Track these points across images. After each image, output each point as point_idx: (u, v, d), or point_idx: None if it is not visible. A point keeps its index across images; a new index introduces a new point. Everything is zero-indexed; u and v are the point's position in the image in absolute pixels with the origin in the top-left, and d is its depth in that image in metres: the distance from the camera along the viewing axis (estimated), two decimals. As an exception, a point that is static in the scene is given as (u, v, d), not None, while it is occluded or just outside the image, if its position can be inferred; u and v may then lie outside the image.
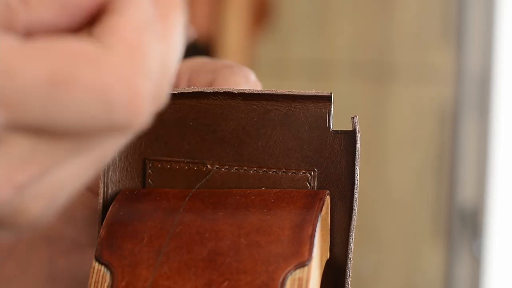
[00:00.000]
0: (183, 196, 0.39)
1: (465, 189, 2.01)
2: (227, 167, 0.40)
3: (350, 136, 0.39)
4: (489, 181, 1.99)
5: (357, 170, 0.39)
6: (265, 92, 0.40)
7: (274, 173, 0.40)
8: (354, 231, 0.40)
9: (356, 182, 0.40)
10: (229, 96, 0.40)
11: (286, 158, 0.40)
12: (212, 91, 0.40)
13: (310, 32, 2.08)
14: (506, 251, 1.98)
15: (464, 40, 2.01)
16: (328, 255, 0.40)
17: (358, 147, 0.39)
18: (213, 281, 0.35)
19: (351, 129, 0.39)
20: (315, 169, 0.40)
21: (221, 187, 0.40)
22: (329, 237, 0.40)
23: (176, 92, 0.40)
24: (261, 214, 0.37)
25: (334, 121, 0.40)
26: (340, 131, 0.40)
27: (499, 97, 1.97)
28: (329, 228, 0.40)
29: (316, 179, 0.40)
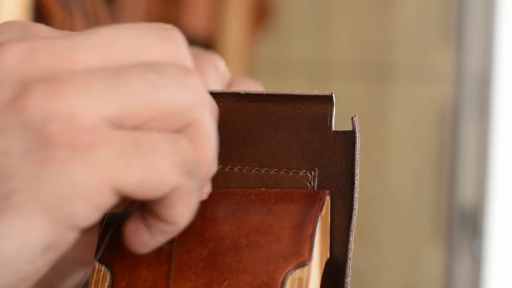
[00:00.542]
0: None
1: (465, 189, 2.01)
2: (230, 167, 0.41)
3: (350, 136, 0.40)
4: (489, 181, 1.99)
5: (357, 170, 0.39)
6: (270, 93, 0.40)
7: (275, 172, 0.40)
8: (354, 231, 0.40)
9: (356, 182, 0.40)
10: (236, 97, 0.40)
11: (287, 158, 0.40)
12: (220, 92, 0.40)
13: (310, 32, 2.08)
14: (506, 251, 1.98)
15: (464, 40, 2.01)
16: (328, 255, 0.40)
17: (358, 147, 0.39)
18: (213, 281, 0.35)
19: (351, 129, 0.40)
20: (316, 169, 0.40)
21: (223, 187, 0.40)
22: (329, 237, 0.40)
23: None
24: (261, 214, 0.37)
25: (334, 121, 0.40)
26: (340, 131, 0.40)
27: (499, 97, 1.97)
28: (329, 228, 0.40)
29: (316, 179, 0.40)
